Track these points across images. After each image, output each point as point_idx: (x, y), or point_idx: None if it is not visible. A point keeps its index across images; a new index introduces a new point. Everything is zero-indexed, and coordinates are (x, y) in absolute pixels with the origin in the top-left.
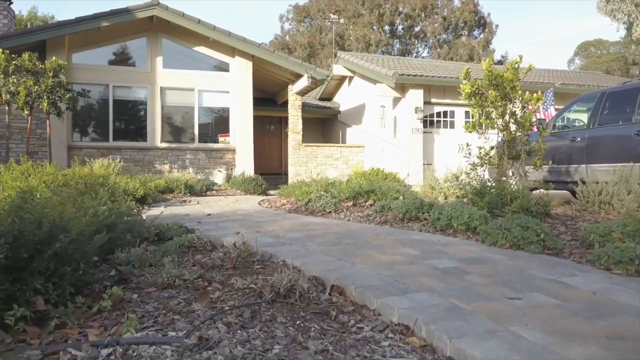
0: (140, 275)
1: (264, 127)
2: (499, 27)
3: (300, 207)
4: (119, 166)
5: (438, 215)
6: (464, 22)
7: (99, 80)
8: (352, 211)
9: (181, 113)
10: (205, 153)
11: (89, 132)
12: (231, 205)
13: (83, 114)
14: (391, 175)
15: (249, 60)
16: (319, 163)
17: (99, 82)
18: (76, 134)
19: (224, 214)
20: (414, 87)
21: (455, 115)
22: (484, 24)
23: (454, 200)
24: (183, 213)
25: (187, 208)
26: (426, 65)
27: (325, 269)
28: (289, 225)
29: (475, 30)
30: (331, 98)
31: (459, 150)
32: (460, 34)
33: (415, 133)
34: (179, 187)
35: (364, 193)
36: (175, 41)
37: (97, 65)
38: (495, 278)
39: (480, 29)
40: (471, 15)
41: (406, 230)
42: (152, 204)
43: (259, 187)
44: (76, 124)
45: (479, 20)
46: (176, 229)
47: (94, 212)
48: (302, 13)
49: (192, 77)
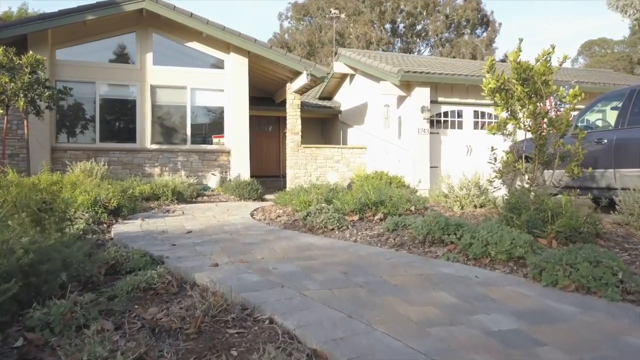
0: (56, 347)
1: (261, 127)
2: (502, 26)
3: (297, 221)
4: (104, 169)
5: (470, 239)
6: (466, 21)
7: (85, 78)
8: (359, 228)
9: (173, 112)
10: (198, 155)
11: (75, 133)
12: (219, 216)
13: (68, 114)
14: (396, 179)
15: (244, 56)
16: (318, 165)
17: (85, 80)
18: (62, 135)
19: (208, 230)
20: (420, 85)
21: (464, 115)
22: (487, 22)
23: (472, 212)
24: (159, 229)
25: (168, 221)
26: (432, 63)
27: (330, 338)
28: (283, 249)
29: (478, 29)
30: (331, 97)
31: (467, 152)
32: (463, 33)
33: (421, 134)
34: (166, 193)
35: (371, 205)
36: (167, 36)
37: (83, 62)
38: (584, 354)
39: (483, 27)
40: (474, 13)
41: (430, 259)
42: (129, 215)
43: (254, 192)
44: (60, 124)
45: (482, 19)
46: (137, 259)
47: (6, 249)
48: (301, 11)
49: (185, 74)
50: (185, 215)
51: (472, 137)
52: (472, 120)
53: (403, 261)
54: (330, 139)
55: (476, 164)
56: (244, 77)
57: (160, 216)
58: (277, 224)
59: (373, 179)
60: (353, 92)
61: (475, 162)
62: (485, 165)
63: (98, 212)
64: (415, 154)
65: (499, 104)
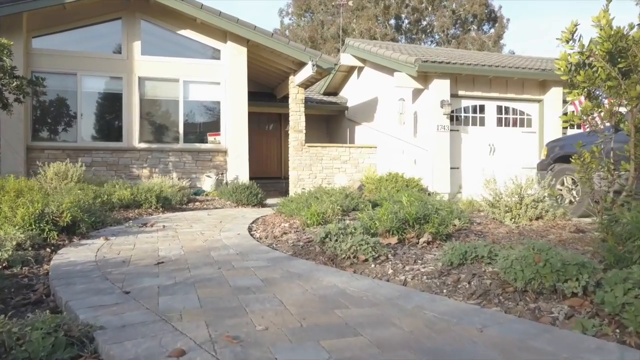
0: None
1: (261, 125)
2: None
3: (312, 244)
4: (81, 171)
5: (614, 296)
6: (473, 16)
7: (65, 69)
8: (404, 258)
9: (163, 108)
10: (192, 155)
11: (54, 131)
12: (209, 232)
13: (46, 109)
14: (413, 182)
15: (243, 45)
16: (324, 166)
17: (65, 71)
18: (39, 132)
19: (188, 258)
20: (439, 76)
21: (486, 111)
22: (495, 18)
23: (529, 226)
24: (122, 257)
25: (140, 240)
26: (449, 53)
27: None
28: (298, 304)
29: (485, 25)
30: (337, 93)
31: (490, 152)
32: (469, 29)
33: (441, 131)
34: (149, 199)
35: (412, 221)
36: (157, 23)
37: (63, 51)
38: None
39: (490, 23)
40: (481, 9)
41: (551, 329)
42: (91, 232)
43: (253, 198)
44: (37, 121)
45: (490, 14)
46: (39, 340)
47: None
48: (302, 7)
49: (177, 65)
50: (165, 231)
51: (495, 135)
52: (495, 116)
53: (514, 337)
54: (335, 138)
55: (499, 164)
56: (242, 69)
57: (133, 232)
58: (284, 246)
59: (387, 181)
60: (361, 87)
61: (498, 162)
62: (510, 167)
63: (45, 229)
64: (435, 153)
65: (581, 85)
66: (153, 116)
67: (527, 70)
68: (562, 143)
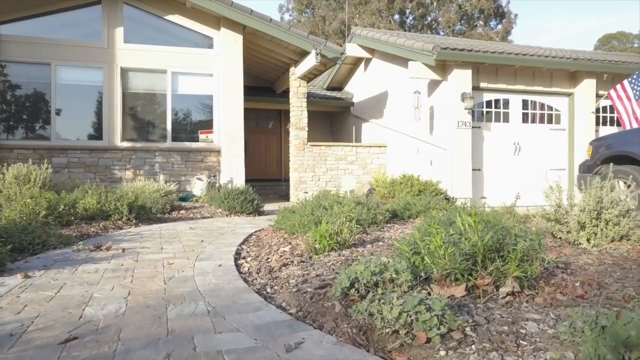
0: None
1: (259, 122)
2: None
3: (326, 291)
4: (47, 174)
5: None
6: (480, 12)
7: (38, 58)
8: (489, 332)
9: (149, 102)
10: (181, 155)
11: (24, 128)
12: (180, 260)
13: (15, 103)
14: (430, 186)
15: (238, 33)
16: (329, 167)
17: (37, 61)
18: (7, 130)
19: (127, 321)
20: (460, 66)
21: (511, 105)
22: (502, 14)
23: (612, 250)
24: (15, 324)
25: (73, 279)
26: (468, 42)
27: None
28: None
29: (492, 21)
30: (342, 87)
31: (515, 151)
32: (475, 25)
33: (462, 128)
34: (119, 209)
35: (481, 254)
36: (141, 7)
37: (35, 38)
38: None
39: (497, 19)
40: (489, 3)
41: None
42: (5, 265)
43: (248, 205)
44: (5, 116)
45: (497, 9)
46: None
47: None
48: (303, 2)
49: (164, 55)
50: (121, 259)
51: (521, 132)
52: (521, 111)
53: None
54: (340, 136)
55: (525, 165)
56: (237, 59)
57: (76, 261)
58: (284, 291)
59: (402, 185)
60: (369, 80)
61: (524, 163)
62: (537, 169)
63: None
64: (455, 153)
65: None
66: (138, 112)
67: (558, 59)
68: (609, 142)
